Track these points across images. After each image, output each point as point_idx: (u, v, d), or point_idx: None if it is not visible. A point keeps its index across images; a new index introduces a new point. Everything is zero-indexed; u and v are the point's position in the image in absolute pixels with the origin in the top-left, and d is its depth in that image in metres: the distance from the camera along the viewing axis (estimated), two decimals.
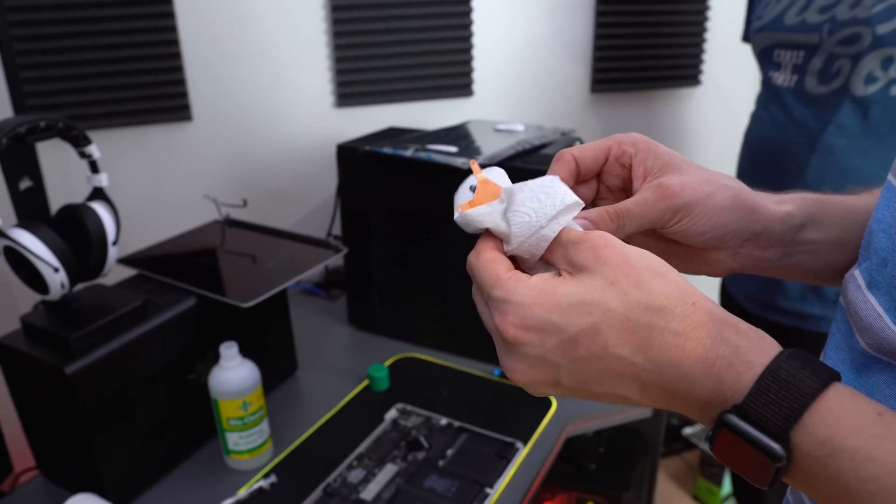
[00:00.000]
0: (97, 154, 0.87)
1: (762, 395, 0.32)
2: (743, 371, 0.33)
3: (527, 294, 0.36)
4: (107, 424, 0.84)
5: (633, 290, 0.35)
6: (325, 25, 1.42)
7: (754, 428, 0.32)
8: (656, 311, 0.34)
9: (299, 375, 1.15)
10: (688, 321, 0.34)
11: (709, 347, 0.34)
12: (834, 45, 0.99)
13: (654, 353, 0.34)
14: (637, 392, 0.36)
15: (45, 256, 0.79)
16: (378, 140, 1.17)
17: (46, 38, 1.23)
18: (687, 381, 0.34)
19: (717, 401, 0.34)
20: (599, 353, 0.35)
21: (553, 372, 0.37)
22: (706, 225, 0.46)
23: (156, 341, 0.88)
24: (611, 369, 0.36)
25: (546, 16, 1.60)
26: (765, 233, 0.48)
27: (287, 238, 1.14)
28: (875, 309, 0.39)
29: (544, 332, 0.36)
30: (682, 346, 0.34)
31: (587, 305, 0.35)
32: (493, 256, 0.39)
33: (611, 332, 0.35)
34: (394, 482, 0.89)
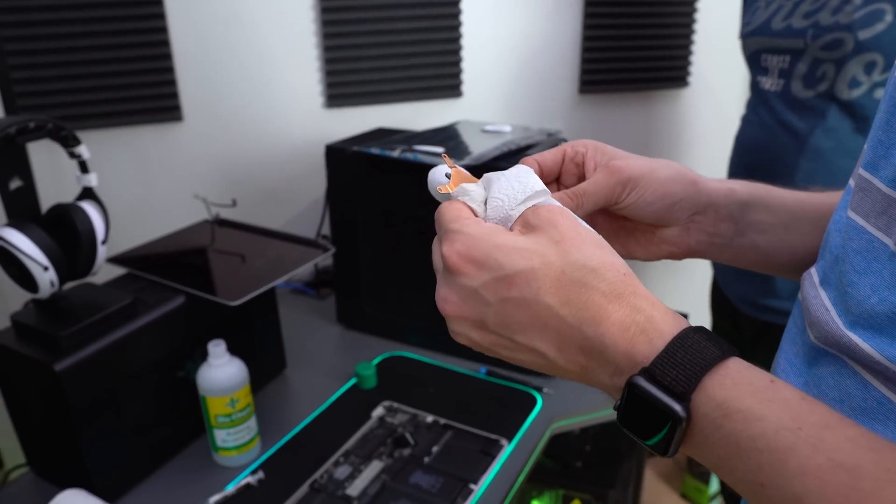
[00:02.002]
0: (87, 154, 0.88)
1: (669, 358, 0.34)
2: (654, 338, 0.36)
3: (479, 230, 0.39)
4: (96, 421, 0.85)
5: (574, 251, 0.38)
6: (315, 26, 1.43)
7: (659, 389, 0.34)
8: (590, 270, 0.37)
9: (288, 373, 1.17)
10: (615, 286, 0.37)
11: (627, 314, 0.36)
12: (818, 51, 1.00)
13: (579, 308, 0.37)
14: (554, 348, 0.38)
15: (35, 255, 0.80)
16: (367, 141, 1.19)
17: (37, 39, 1.24)
18: (602, 342, 0.36)
19: (628, 366, 0.36)
20: (530, 298, 0.38)
21: (481, 309, 0.39)
22: (653, 195, 0.50)
23: (145, 339, 0.90)
24: (536, 317, 0.38)
25: (534, 17, 1.61)
26: (711, 205, 0.52)
27: (276, 237, 1.15)
28: (824, 303, 0.41)
29: (483, 266, 0.38)
30: (604, 306, 0.37)
31: (530, 251, 0.38)
32: (462, 206, 0.43)
33: (545, 280, 0.37)
34: (379, 478, 0.90)
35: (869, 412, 0.37)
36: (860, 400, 0.37)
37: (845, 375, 0.39)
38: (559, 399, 1.07)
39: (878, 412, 0.36)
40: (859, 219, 0.39)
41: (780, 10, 1.08)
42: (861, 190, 0.40)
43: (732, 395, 0.33)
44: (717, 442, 0.33)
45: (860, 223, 0.39)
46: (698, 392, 0.34)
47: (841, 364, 0.39)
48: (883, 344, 0.35)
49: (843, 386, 0.39)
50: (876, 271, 0.37)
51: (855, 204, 0.40)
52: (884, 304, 0.36)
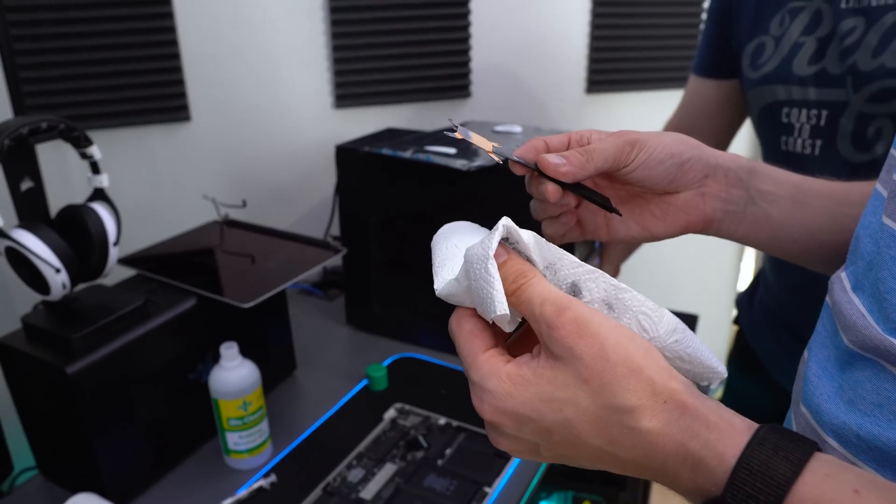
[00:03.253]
0: (98, 155, 0.87)
1: (738, 489, 0.32)
2: (716, 465, 0.33)
3: (499, 386, 0.37)
4: (107, 424, 0.84)
5: (606, 391, 0.35)
6: (324, 26, 1.43)
7: None
8: (627, 412, 0.35)
9: (298, 375, 1.16)
10: (658, 418, 0.35)
11: (680, 443, 0.34)
12: (863, 103, 0.78)
13: (627, 449, 0.35)
14: (617, 469, 0.37)
15: (47, 257, 0.80)
16: (376, 141, 1.18)
17: (45, 38, 1.23)
18: (664, 472, 0.35)
19: (697, 491, 0.34)
20: (573, 441, 0.36)
21: (534, 448, 0.38)
22: (662, 153, 0.50)
23: (156, 341, 0.89)
24: (586, 454, 0.37)
25: (542, 17, 1.61)
26: (720, 168, 0.53)
27: (286, 238, 1.14)
28: (859, 309, 0.41)
29: (518, 420, 0.37)
30: (653, 441, 0.35)
31: (558, 403, 0.36)
32: (473, 328, 0.40)
33: (583, 427, 0.36)
34: (393, 481, 0.89)
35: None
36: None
37: (884, 379, 0.38)
38: None
39: None
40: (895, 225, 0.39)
41: (800, 50, 0.83)
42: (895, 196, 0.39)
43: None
44: None
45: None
46: None
47: (879, 368, 0.39)
48: None
49: (881, 390, 0.38)
50: None
51: (890, 210, 0.40)
52: None
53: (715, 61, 1.04)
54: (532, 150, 0.52)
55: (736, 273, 2.14)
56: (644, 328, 0.38)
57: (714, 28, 1.02)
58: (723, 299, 2.13)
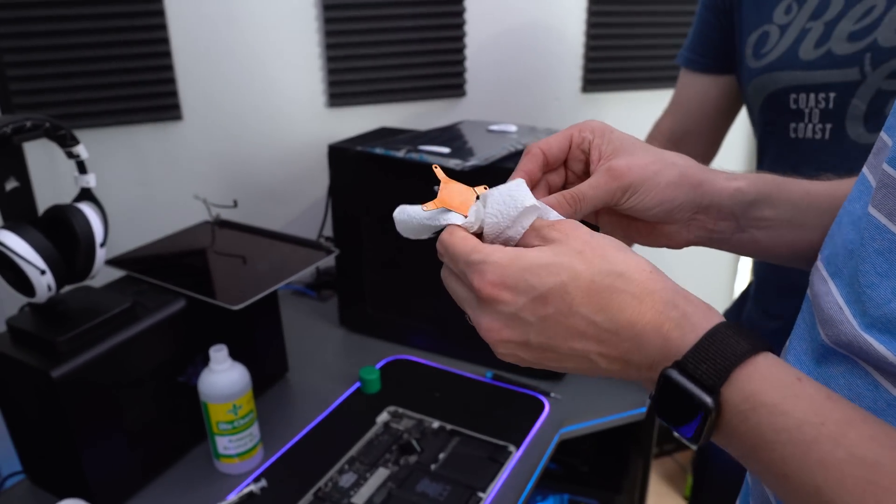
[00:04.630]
0: (85, 154, 0.86)
1: (700, 352, 0.36)
2: (688, 332, 0.37)
3: (503, 256, 0.40)
4: (94, 428, 0.83)
5: (598, 258, 0.39)
6: (317, 24, 1.41)
7: (690, 381, 0.35)
8: (618, 275, 0.38)
9: (290, 377, 1.15)
10: (644, 286, 0.38)
11: (660, 311, 0.38)
12: (882, 80, 0.78)
13: (613, 313, 0.38)
14: (595, 353, 0.39)
15: (32, 258, 0.78)
16: (370, 140, 1.17)
17: (34, 36, 1.22)
18: (639, 341, 0.38)
19: (663, 359, 0.37)
20: (565, 310, 0.39)
21: (525, 330, 0.40)
22: (653, 200, 0.50)
23: (144, 344, 0.87)
24: (574, 327, 0.39)
25: (538, 16, 1.59)
26: (713, 206, 0.53)
27: (278, 239, 1.13)
28: (837, 301, 0.41)
29: (517, 290, 0.39)
30: (637, 307, 0.38)
31: (557, 266, 0.39)
32: (465, 234, 0.43)
33: (576, 292, 0.39)
34: (385, 486, 0.88)
35: (879, 414, 0.37)
36: (870, 401, 0.37)
37: (856, 376, 0.39)
38: (567, 404, 1.05)
39: (887, 414, 0.36)
40: (882, 217, 0.38)
41: (806, 35, 0.84)
42: (885, 187, 0.38)
43: (760, 389, 0.34)
44: (744, 433, 0.35)
45: (883, 222, 0.38)
46: (727, 385, 0.35)
47: (852, 364, 0.39)
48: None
49: (853, 386, 0.39)
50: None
51: (877, 201, 0.38)
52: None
53: (710, 56, 1.03)
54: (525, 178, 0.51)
55: (734, 274, 2.13)
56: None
57: (712, 20, 1.01)
58: (721, 301, 2.12)
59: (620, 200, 0.50)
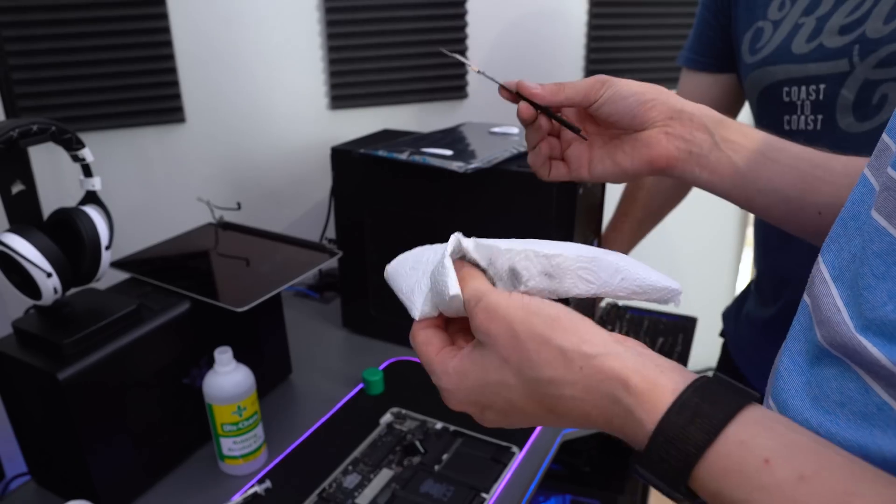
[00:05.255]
0: (90, 157, 0.86)
1: (654, 454, 0.34)
2: (637, 430, 0.36)
3: (449, 381, 0.43)
4: (100, 430, 0.83)
5: (524, 366, 0.39)
6: (320, 27, 1.42)
7: (656, 478, 0.35)
8: (548, 382, 0.38)
9: (293, 379, 1.15)
10: (578, 386, 0.37)
11: (604, 408, 0.37)
12: (870, 70, 0.80)
13: (562, 413, 0.39)
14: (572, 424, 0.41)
15: (38, 261, 0.78)
16: (372, 142, 1.17)
17: (38, 40, 1.22)
18: (600, 426, 0.38)
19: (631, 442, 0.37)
20: (523, 414, 0.41)
21: (509, 421, 0.43)
22: (627, 90, 0.57)
23: (149, 346, 0.88)
24: (541, 419, 0.41)
25: (539, 17, 1.60)
26: (684, 112, 0.58)
27: (281, 241, 1.13)
28: (836, 303, 0.41)
29: (477, 406, 0.42)
30: (581, 407, 0.38)
31: (494, 386, 0.40)
32: (425, 337, 0.46)
33: (522, 402, 0.40)
34: (389, 487, 0.88)
35: (869, 418, 0.36)
36: (861, 405, 0.37)
37: (848, 379, 0.38)
38: None
39: (878, 418, 0.36)
40: (882, 220, 0.38)
41: (798, 30, 0.87)
42: (887, 190, 0.38)
43: (723, 486, 0.33)
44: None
45: (882, 224, 0.38)
46: (693, 482, 0.34)
47: (845, 367, 0.39)
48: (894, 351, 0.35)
49: (845, 389, 0.38)
50: (894, 276, 0.36)
51: (879, 204, 0.39)
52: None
53: (710, 55, 1.04)
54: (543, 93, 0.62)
55: (735, 274, 2.13)
56: (588, 281, 0.42)
57: (711, 20, 1.02)
58: (722, 301, 2.11)
59: (599, 92, 0.58)
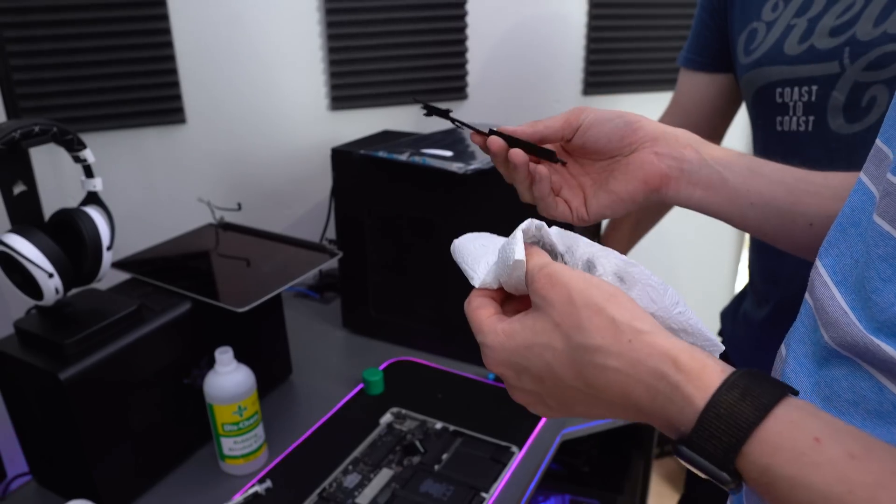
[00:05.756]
0: (91, 158, 0.87)
1: (703, 430, 0.34)
2: (684, 406, 0.35)
3: (495, 340, 0.43)
4: (101, 430, 0.84)
5: (574, 332, 0.39)
6: (320, 28, 1.42)
7: (703, 458, 0.34)
8: (594, 350, 0.38)
9: (294, 379, 1.15)
10: (624, 358, 0.37)
11: (648, 384, 0.37)
12: (859, 72, 0.81)
13: (601, 388, 0.38)
14: (603, 411, 0.41)
15: (40, 262, 0.79)
16: (373, 143, 1.17)
17: (39, 40, 1.23)
18: (638, 409, 0.38)
19: (669, 427, 0.37)
20: (560, 385, 0.41)
21: (538, 397, 0.43)
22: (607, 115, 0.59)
23: (150, 346, 0.88)
24: (575, 397, 0.41)
25: (539, 18, 1.60)
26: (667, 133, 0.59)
27: (281, 242, 1.14)
28: (842, 307, 0.41)
29: (515, 369, 0.43)
30: (624, 382, 0.37)
31: (539, 348, 0.41)
32: (480, 303, 0.46)
33: (563, 370, 0.40)
34: (389, 487, 0.89)
35: (885, 416, 0.37)
36: (875, 403, 0.37)
37: (860, 378, 0.39)
38: None
39: (893, 416, 0.36)
40: (886, 224, 0.38)
41: (791, 32, 0.87)
42: (888, 195, 0.39)
43: (775, 461, 0.32)
44: (770, 499, 0.34)
45: (886, 229, 0.38)
46: (741, 460, 0.33)
47: (855, 366, 0.39)
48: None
49: (857, 388, 0.39)
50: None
51: (882, 209, 0.39)
52: None
53: (708, 55, 1.05)
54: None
55: (733, 275, 2.14)
56: (652, 299, 0.43)
57: (708, 21, 1.03)
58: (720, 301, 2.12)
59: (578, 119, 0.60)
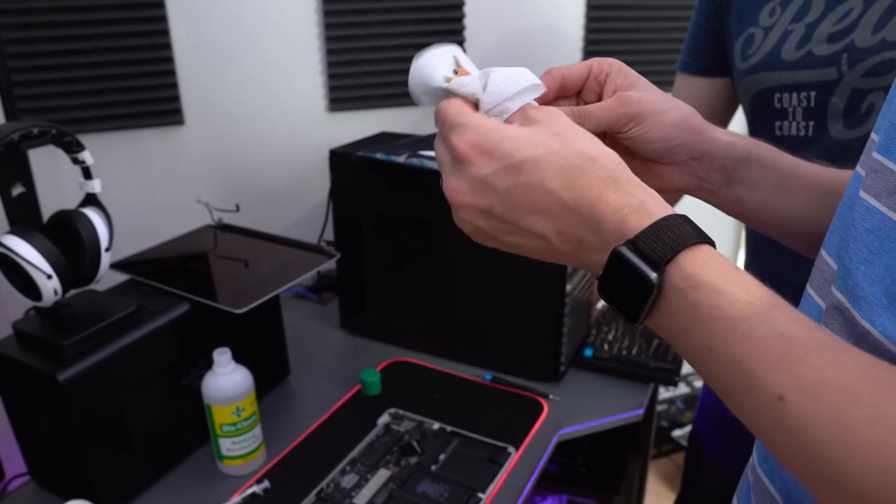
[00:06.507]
0: (90, 160, 0.87)
1: (652, 233, 0.38)
2: (643, 217, 0.39)
3: (486, 122, 0.43)
4: (99, 430, 0.84)
5: (574, 142, 0.42)
6: (318, 30, 1.42)
7: (638, 258, 0.38)
8: (589, 158, 0.41)
9: (291, 380, 1.16)
10: (611, 172, 0.41)
11: (622, 196, 0.40)
12: (858, 79, 0.82)
13: (579, 191, 0.40)
14: (555, 230, 0.42)
15: (39, 263, 0.79)
16: (370, 145, 1.18)
17: (38, 42, 1.23)
18: (598, 220, 0.40)
19: (617, 239, 0.39)
20: (535, 184, 0.41)
21: (490, 197, 0.42)
22: (656, 135, 0.53)
23: (149, 347, 0.89)
24: (540, 202, 0.41)
25: (536, 21, 1.61)
26: (707, 154, 0.56)
27: (279, 243, 1.14)
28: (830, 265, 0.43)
29: (493, 155, 0.42)
30: (602, 189, 0.40)
31: (535, 141, 0.42)
32: (462, 101, 0.46)
33: (549, 168, 0.41)
34: (387, 487, 0.89)
35: None
36: None
37: None
38: (565, 405, 1.07)
39: None
40: (871, 199, 0.40)
41: (788, 37, 0.88)
42: (874, 171, 0.41)
43: (701, 270, 0.37)
44: (681, 310, 0.38)
45: (872, 203, 0.40)
46: (672, 264, 0.38)
47: None
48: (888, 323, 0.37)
49: None
50: (888, 250, 0.38)
51: (867, 185, 0.41)
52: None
53: (705, 59, 1.05)
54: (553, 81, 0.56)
55: None
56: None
57: (705, 25, 1.03)
58: None
59: (625, 127, 0.53)
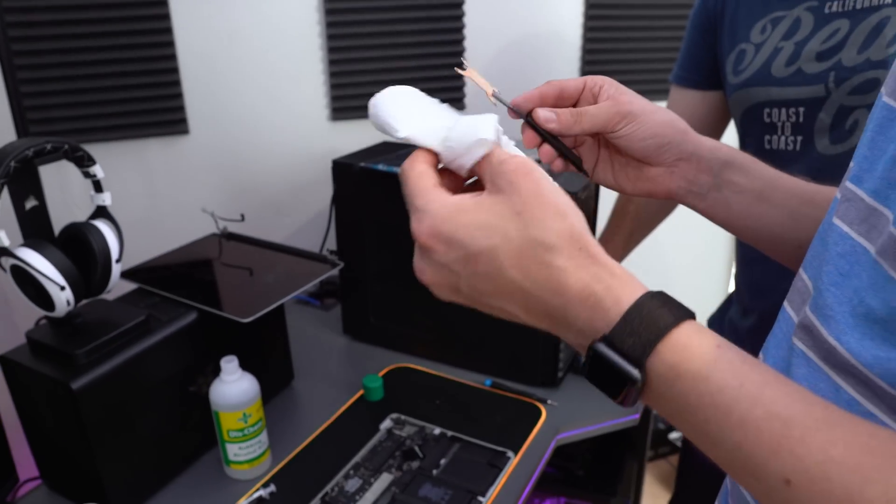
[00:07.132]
0: (101, 174, 0.89)
1: (626, 326, 0.38)
2: (611, 307, 0.39)
3: (441, 209, 0.42)
4: (110, 436, 0.86)
5: (533, 225, 0.40)
6: (320, 40, 1.45)
7: (617, 355, 0.38)
8: (548, 248, 0.40)
9: (296, 385, 1.18)
10: (572, 261, 0.40)
11: (585, 284, 0.39)
12: (844, 96, 0.85)
13: (540, 282, 0.40)
14: (522, 312, 0.42)
15: (52, 275, 0.82)
16: (373, 155, 1.20)
17: (44, 53, 1.25)
18: (565, 309, 0.40)
19: (590, 330, 0.39)
20: (494, 273, 0.41)
21: (454, 280, 0.43)
22: (647, 132, 0.56)
23: (158, 355, 0.91)
24: (502, 288, 0.41)
25: (536, 27, 1.63)
26: (694, 155, 0.58)
27: (283, 252, 1.17)
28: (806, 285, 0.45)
29: (450, 245, 0.42)
30: (564, 280, 0.40)
31: (491, 230, 0.41)
32: (424, 170, 0.45)
33: (506, 257, 0.40)
34: (389, 491, 0.92)
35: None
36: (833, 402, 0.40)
37: (819, 379, 0.42)
38: (563, 410, 1.09)
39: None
40: (844, 225, 0.43)
41: (778, 54, 0.91)
42: (847, 200, 0.43)
43: (683, 358, 0.37)
44: (670, 399, 0.38)
45: (845, 229, 0.42)
46: (653, 357, 0.37)
47: (814, 367, 0.42)
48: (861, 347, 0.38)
49: (817, 389, 0.42)
50: (857, 274, 0.40)
51: (840, 213, 0.43)
52: (863, 307, 0.38)
53: (698, 72, 1.08)
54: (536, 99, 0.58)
55: (725, 283, 2.17)
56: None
57: (698, 39, 1.06)
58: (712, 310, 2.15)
59: (618, 126, 0.56)
